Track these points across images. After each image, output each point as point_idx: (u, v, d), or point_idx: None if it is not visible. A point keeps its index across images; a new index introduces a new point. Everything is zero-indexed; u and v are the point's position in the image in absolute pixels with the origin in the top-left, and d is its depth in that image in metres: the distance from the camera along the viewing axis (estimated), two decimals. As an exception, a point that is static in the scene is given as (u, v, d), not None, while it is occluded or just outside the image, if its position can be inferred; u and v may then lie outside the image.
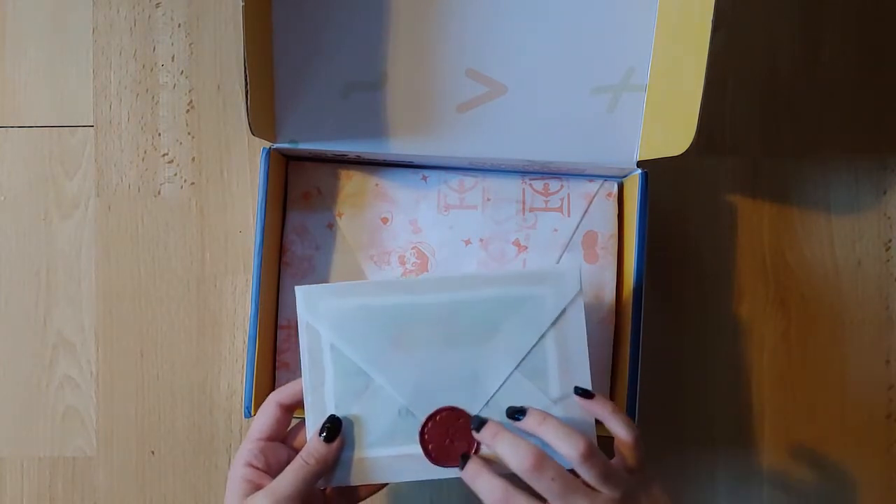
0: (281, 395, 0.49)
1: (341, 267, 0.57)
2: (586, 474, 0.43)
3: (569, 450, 0.43)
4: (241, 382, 0.62)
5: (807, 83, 0.63)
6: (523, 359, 0.48)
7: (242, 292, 0.62)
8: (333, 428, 0.47)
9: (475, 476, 0.45)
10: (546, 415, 0.46)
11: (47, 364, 0.62)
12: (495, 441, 0.45)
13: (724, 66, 0.63)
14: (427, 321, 0.48)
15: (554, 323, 0.48)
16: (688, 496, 0.63)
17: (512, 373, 0.48)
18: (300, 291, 0.48)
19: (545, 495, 0.43)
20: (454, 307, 0.48)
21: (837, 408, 0.63)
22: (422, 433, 0.47)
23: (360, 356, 0.48)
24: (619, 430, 0.46)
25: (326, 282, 0.57)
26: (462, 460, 0.46)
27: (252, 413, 0.52)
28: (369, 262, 0.57)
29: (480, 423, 0.46)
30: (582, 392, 0.47)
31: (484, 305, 0.48)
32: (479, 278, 0.49)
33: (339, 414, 0.48)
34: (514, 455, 0.44)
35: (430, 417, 0.48)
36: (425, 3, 0.54)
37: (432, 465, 0.47)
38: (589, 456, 0.43)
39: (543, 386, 0.48)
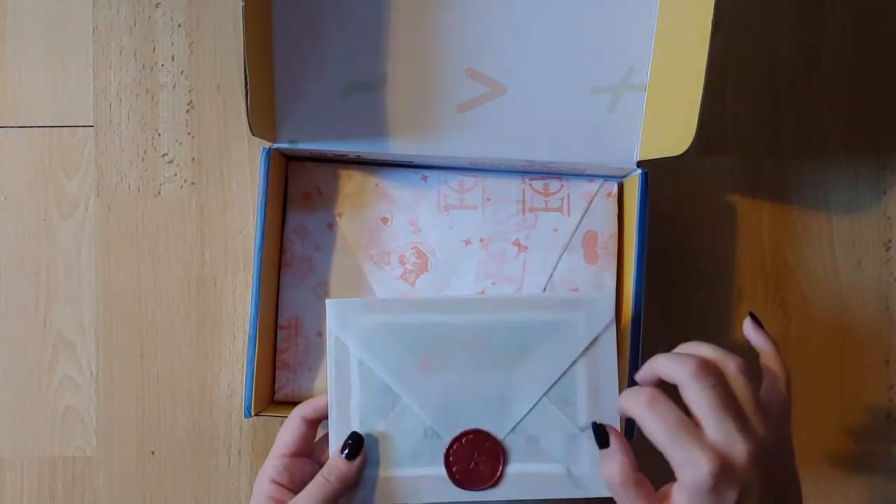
0: (306, 408, 0.49)
1: (341, 267, 0.57)
2: (742, 391, 0.41)
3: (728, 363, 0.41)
4: (241, 382, 0.61)
5: (807, 83, 0.63)
6: (552, 385, 0.48)
7: (242, 292, 0.62)
8: (355, 445, 0.47)
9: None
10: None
11: (47, 364, 0.62)
12: (653, 362, 0.43)
13: (724, 66, 0.63)
14: (456, 342, 0.48)
15: (585, 351, 0.48)
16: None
17: (540, 399, 0.48)
18: (331, 305, 0.48)
19: (698, 405, 0.40)
20: (484, 329, 0.48)
21: (837, 408, 0.63)
22: (446, 455, 0.47)
23: (388, 374, 0.48)
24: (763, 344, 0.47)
25: (326, 282, 0.57)
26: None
27: (252, 413, 0.52)
28: (369, 262, 0.57)
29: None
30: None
31: (514, 329, 0.48)
32: (509, 301, 0.48)
33: (362, 431, 0.47)
34: (676, 364, 0.41)
35: (456, 439, 0.47)
36: (425, 3, 0.54)
37: (456, 487, 0.47)
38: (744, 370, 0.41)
39: (572, 414, 0.48)
